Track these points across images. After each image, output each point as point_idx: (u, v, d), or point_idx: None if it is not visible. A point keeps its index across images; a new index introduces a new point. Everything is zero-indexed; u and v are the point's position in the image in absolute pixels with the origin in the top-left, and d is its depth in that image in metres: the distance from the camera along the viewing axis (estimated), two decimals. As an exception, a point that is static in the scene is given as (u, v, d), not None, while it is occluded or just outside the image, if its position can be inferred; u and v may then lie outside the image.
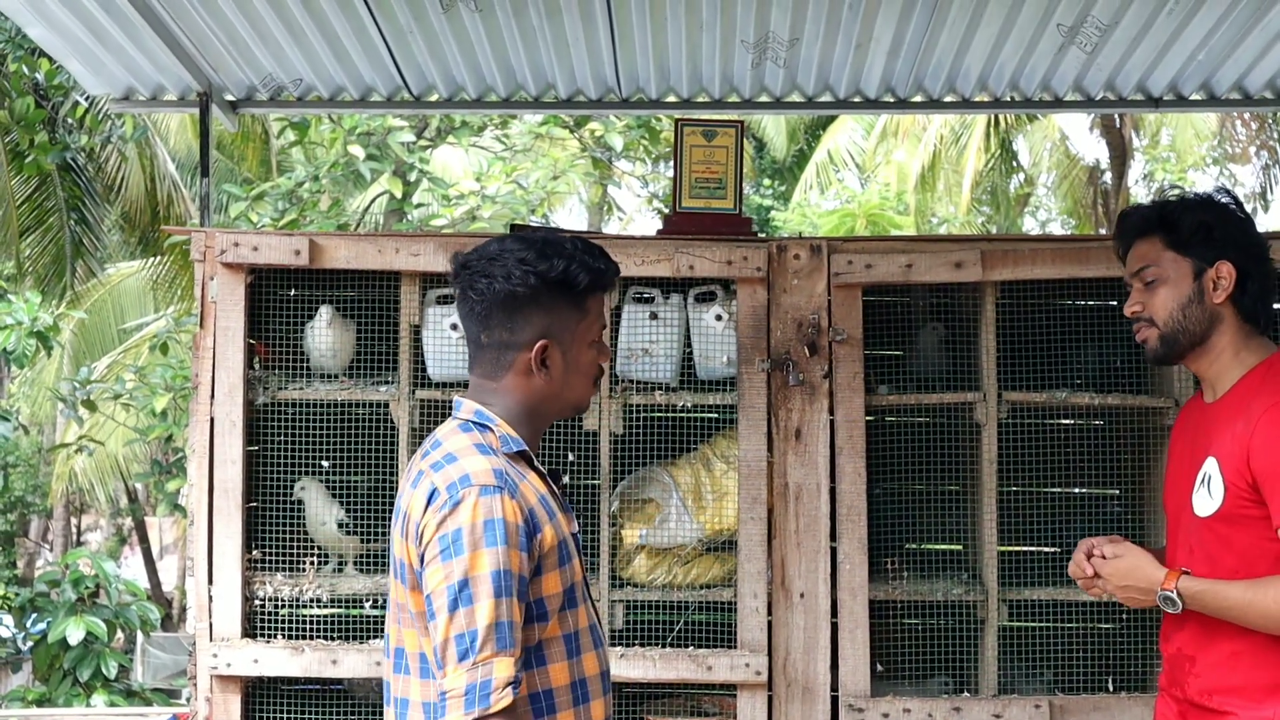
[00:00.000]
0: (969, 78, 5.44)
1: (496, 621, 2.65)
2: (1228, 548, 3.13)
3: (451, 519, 2.69)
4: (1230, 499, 3.10)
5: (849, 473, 4.47)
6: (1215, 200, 3.30)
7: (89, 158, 14.14)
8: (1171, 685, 3.30)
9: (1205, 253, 3.22)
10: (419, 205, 12.32)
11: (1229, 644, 3.12)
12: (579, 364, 2.93)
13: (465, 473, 2.74)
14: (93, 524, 29.70)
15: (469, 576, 2.65)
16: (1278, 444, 3.03)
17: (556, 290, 2.86)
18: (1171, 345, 3.26)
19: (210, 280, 4.54)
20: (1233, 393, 3.22)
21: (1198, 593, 3.09)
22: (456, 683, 2.63)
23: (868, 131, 21.98)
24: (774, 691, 4.44)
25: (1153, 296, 3.27)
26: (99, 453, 16.50)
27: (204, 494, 4.52)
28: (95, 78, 5.38)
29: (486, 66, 5.34)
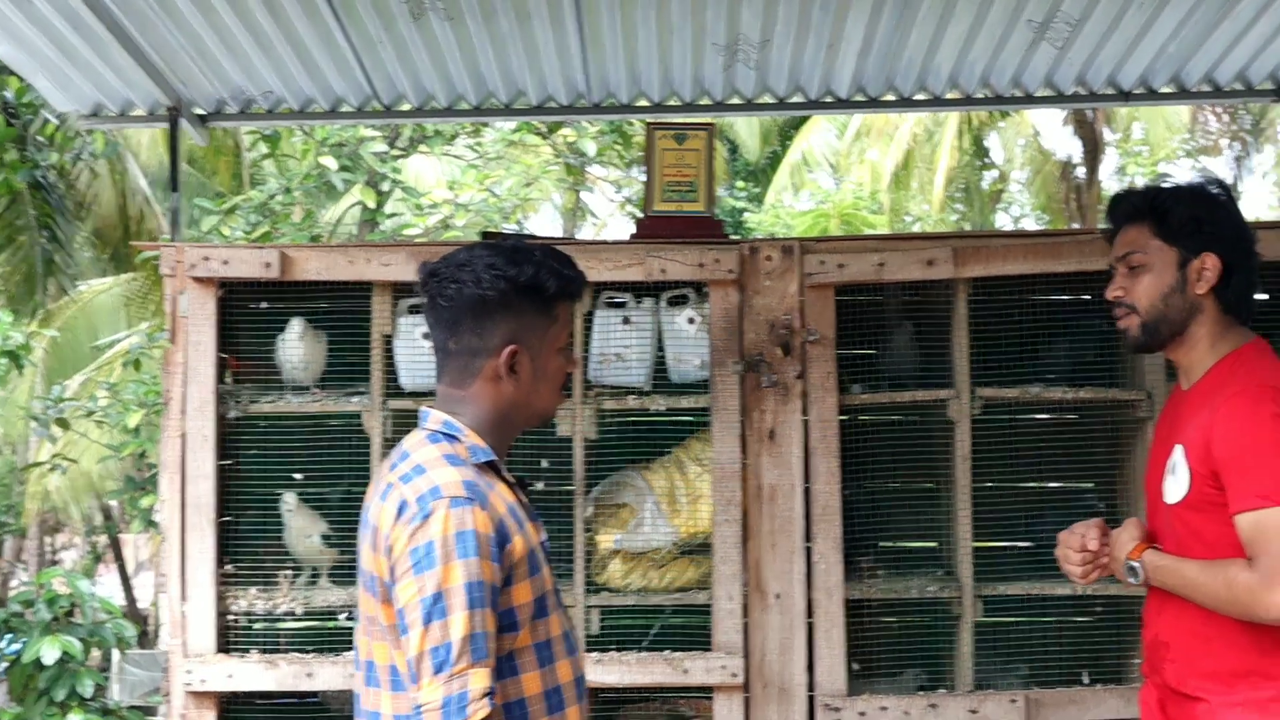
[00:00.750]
0: (940, 76, 5.44)
1: (471, 633, 2.63)
2: (1194, 535, 3.15)
3: (422, 531, 2.68)
4: (1195, 487, 3.13)
5: (823, 472, 4.46)
6: (1207, 192, 3.31)
7: (60, 175, 14.05)
8: (1151, 671, 3.33)
9: (1192, 243, 3.23)
10: (392, 215, 12.29)
11: (1203, 628, 3.14)
12: (547, 371, 2.93)
13: (435, 484, 2.73)
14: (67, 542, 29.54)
15: (442, 589, 2.64)
16: (1237, 432, 3.06)
17: (526, 296, 2.86)
18: (1152, 333, 3.29)
19: (180, 295, 4.53)
20: (1204, 381, 3.25)
21: (1158, 567, 3.15)
22: (433, 695, 2.62)
23: (841, 132, 22.01)
24: (750, 693, 4.44)
25: (1136, 283, 3.29)
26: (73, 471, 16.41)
27: (176, 510, 4.49)
28: (63, 94, 5.35)
29: (457, 74, 5.32)
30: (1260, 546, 2.99)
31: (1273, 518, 2.99)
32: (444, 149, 12.29)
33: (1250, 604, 2.99)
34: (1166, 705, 3.25)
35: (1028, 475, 4.80)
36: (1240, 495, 3.03)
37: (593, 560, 4.59)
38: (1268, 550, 2.97)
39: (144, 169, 15.66)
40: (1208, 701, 3.12)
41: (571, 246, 4.52)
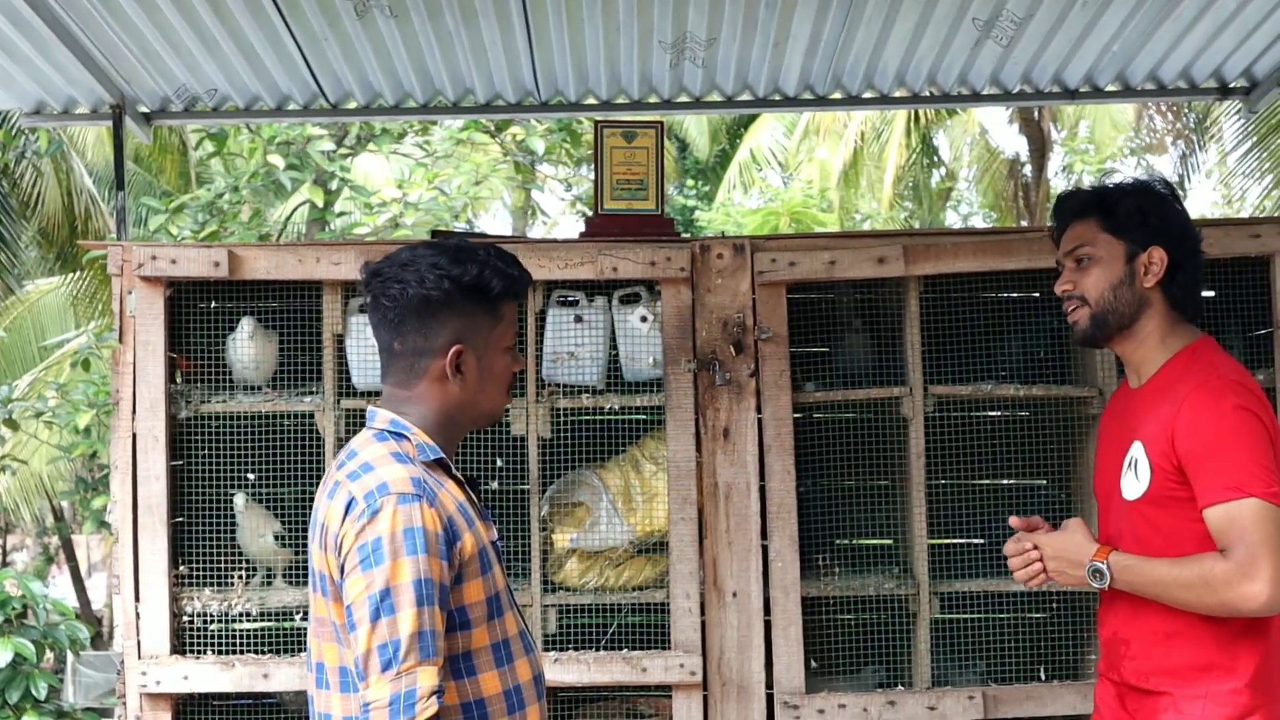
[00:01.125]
0: (886, 74, 5.46)
1: (419, 630, 2.62)
2: (1155, 530, 3.17)
3: (370, 528, 2.67)
4: (1156, 482, 3.15)
5: (778, 470, 4.47)
6: (1152, 188, 3.34)
7: (3, 174, 13.96)
8: (1109, 669, 3.34)
9: (1139, 237, 3.26)
10: (341, 214, 12.23)
11: (1163, 625, 3.16)
12: (494, 371, 2.92)
13: (383, 481, 2.72)
14: (19, 544, 29.33)
15: (390, 585, 2.63)
16: (1201, 426, 3.08)
17: (470, 295, 2.86)
18: (1101, 326, 3.31)
19: (128, 294, 4.49)
20: (1157, 378, 3.27)
21: (1125, 567, 3.13)
22: (380, 693, 2.60)
23: (789, 130, 22.04)
24: (709, 691, 4.44)
25: (1085, 276, 3.31)
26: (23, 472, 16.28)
27: (128, 510, 4.46)
28: (4, 92, 5.30)
29: (404, 72, 5.30)
30: (1234, 537, 3.01)
31: (1245, 508, 3.01)
32: (392, 147, 12.22)
33: (1229, 596, 3.01)
34: (1126, 700, 3.27)
35: (982, 472, 4.82)
36: (1209, 488, 3.05)
37: (549, 559, 4.58)
38: (1242, 540, 2.99)
39: (89, 168, 15.55)
40: (1171, 694, 3.14)
41: (522, 245, 4.52)
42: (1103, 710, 3.38)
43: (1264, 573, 2.98)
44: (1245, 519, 3.01)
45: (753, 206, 21.08)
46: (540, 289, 4.59)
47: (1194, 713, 3.11)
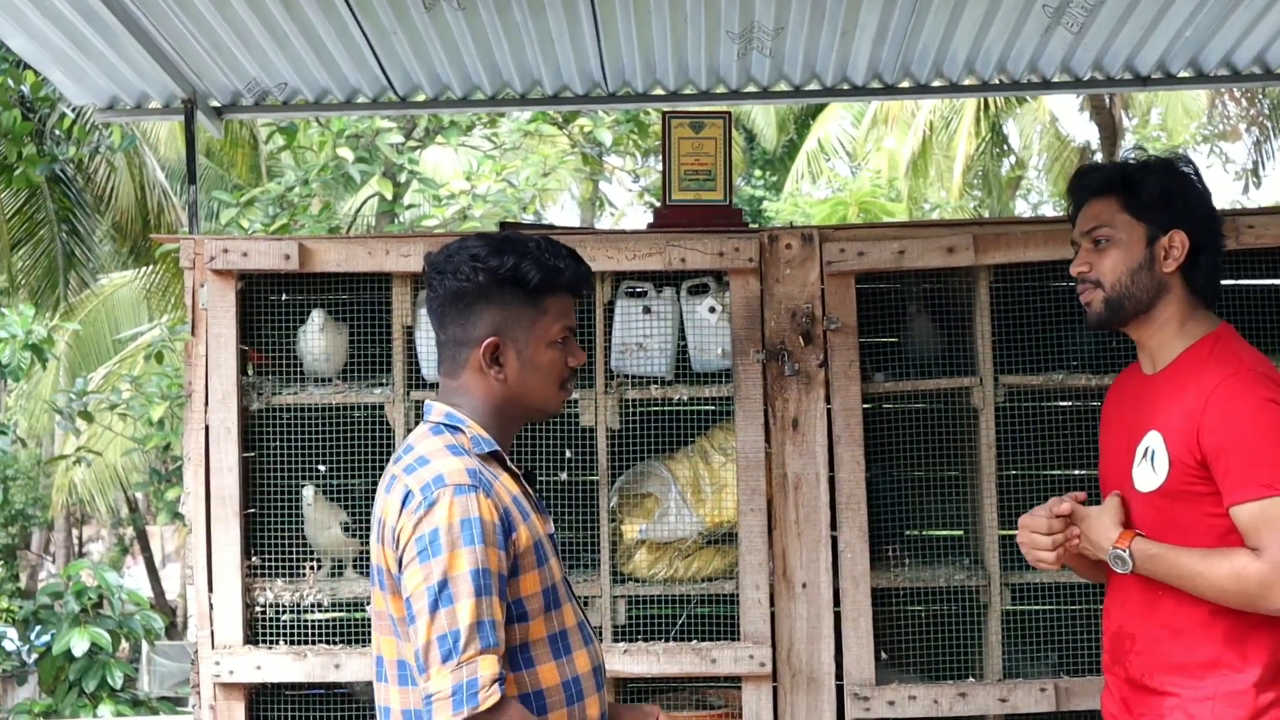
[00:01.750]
0: (956, 62, 5.42)
1: (478, 620, 2.64)
2: (1170, 523, 3.09)
3: (427, 520, 2.69)
4: (1175, 474, 3.07)
5: (847, 461, 4.45)
6: (1177, 168, 3.25)
7: (78, 169, 14.11)
8: (1114, 665, 3.27)
9: (1161, 219, 3.17)
10: (410, 206, 12.30)
11: (1171, 620, 3.09)
12: (536, 363, 2.90)
13: (439, 473, 2.73)
14: (94, 534, 29.70)
15: (448, 576, 2.64)
16: (1231, 420, 3.00)
17: (508, 287, 2.86)
18: (1116, 310, 3.22)
19: (201, 287, 4.53)
20: (1177, 365, 3.19)
21: (1151, 555, 3.06)
22: (442, 684, 2.62)
23: (857, 120, 21.97)
24: (779, 682, 4.43)
25: (1102, 258, 3.22)
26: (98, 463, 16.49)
27: (201, 502, 4.50)
28: (78, 87, 5.35)
29: (471, 65, 5.31)
30: (1267, 536, 2.94)
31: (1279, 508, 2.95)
32: (460, 140, 12.28)
33: (1260, 595, 2.94)
34: (1130, 703, 3.20)
35: (1053, 463, 4.78)
36: (1240, 485, 2.97)
37: (618, 550, 4.59)
38: (1276, 541, 2.93)
39: (162, 162, 15.72)
40: (1178, 695, 3.07)
41: (590, 236, 4.53)
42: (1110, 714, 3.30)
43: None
44: (1279, 518, 2.94)
45: (821, 197, 21.04)
46: (608, 280, 4.59)
47: (1202, 714, 3.04)
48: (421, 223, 11.74)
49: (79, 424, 11.13)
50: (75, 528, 26.07)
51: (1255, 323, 4.57)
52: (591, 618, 4.48)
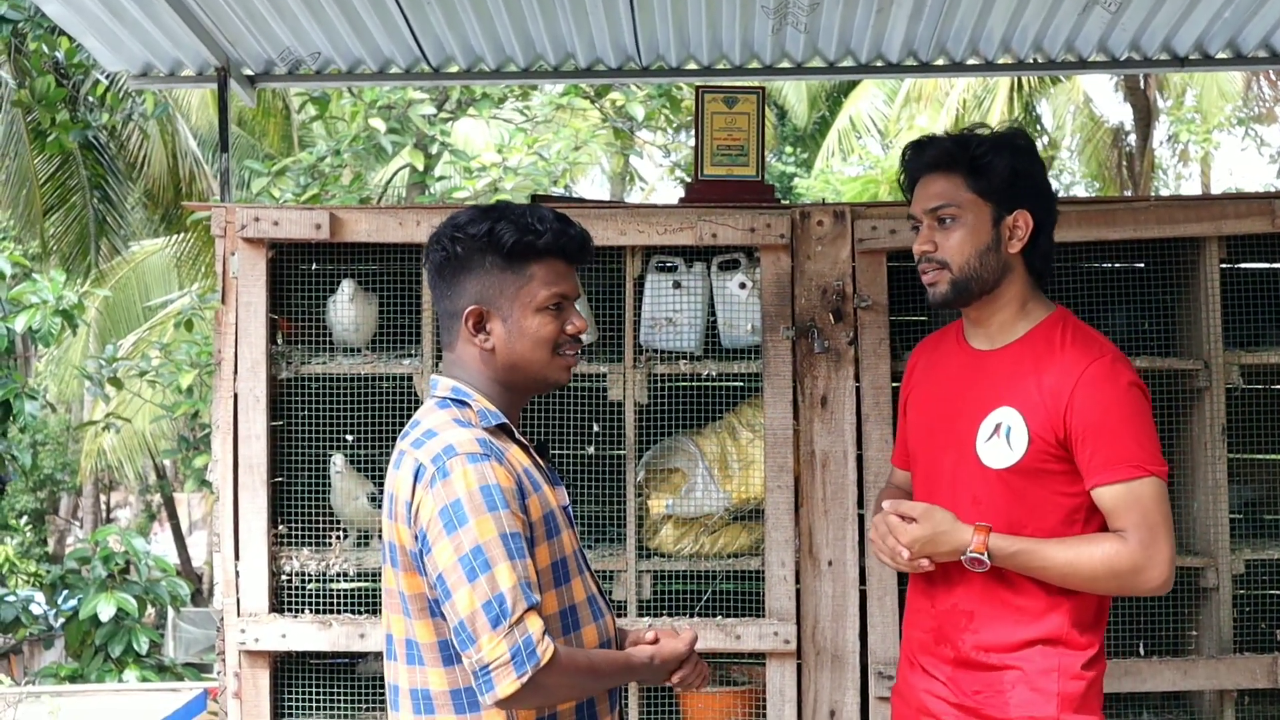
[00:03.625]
0: (992, 40, 5.38)
1: (519, 581, 2.64)
2: (1018, 501, 3.09)
3: (445, 490, 2.68)
4: (1033, 452, 3.07)
5: (876, 439, 4.44)
6: (1020, 144, 3.22)
7: (111, 136, 14.15)
8: (938, 645, 3.22)
9: (1007, 200, 3.15)
10: (441, 178, 12.30)
11: (1015, 598, 3.10)
12: (524, 330, 2.88)
13: (449, 444, 2.74)
14: (122, 501, 29.86)
15: (480, 543, 2.65)
16: (1100, 402, 3.02)
17: (487, 254, 2.86)
18: (962, 291, 3.19)
19: (231, 256, 4.53)
20: (1023, 344, 3.18)
21: (1013, 553, 3.04)
22: (498, 651, 2.62)
23: (890, 97, 21.88)
24: (803, 660, 4.43)
25: (948, 237, 3.19)
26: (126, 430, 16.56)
27: (229, 470, 4.51)
28: (112, 54, 5.35)
29: (505, 36, 5.30)
30: (1135, 517, 2.98)
31: (1146, 487, 2.99)
32: (492, 112, 12.28)
33: (1133, 579, 2.99)
34: (959, 681, 3.17)
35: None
36: (1107, 466, 3.00)
37: (644, 525, 4.58)
38: (1144, 522, 2.97)
39: (194, 130, 15.75)
40: (1020, 669, 3.08)
41: (621, 210, 4.52)
42: (933, 709, 3.22)
43: (1163, 554, 2.98)
44: (1146, 499, 2.99)
45: (852, 174, 20.95)
46: (639, 254, 4.58)
47: (1047, 685, 3.06)
48: (452, 194, 11.73)
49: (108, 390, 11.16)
50: (103, 493, 26.21)
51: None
52: (616, 592, 4.49)
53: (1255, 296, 4.63)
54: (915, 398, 3.42)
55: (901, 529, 3.12)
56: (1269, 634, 4.56)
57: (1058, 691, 3.05)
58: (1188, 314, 4.54)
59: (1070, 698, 3.06)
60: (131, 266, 18.07)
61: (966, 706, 3.14)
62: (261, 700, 4.50)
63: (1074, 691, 3.06)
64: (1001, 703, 3.09)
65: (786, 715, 4.42)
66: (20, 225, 14.70)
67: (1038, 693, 3.06)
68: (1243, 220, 4.44)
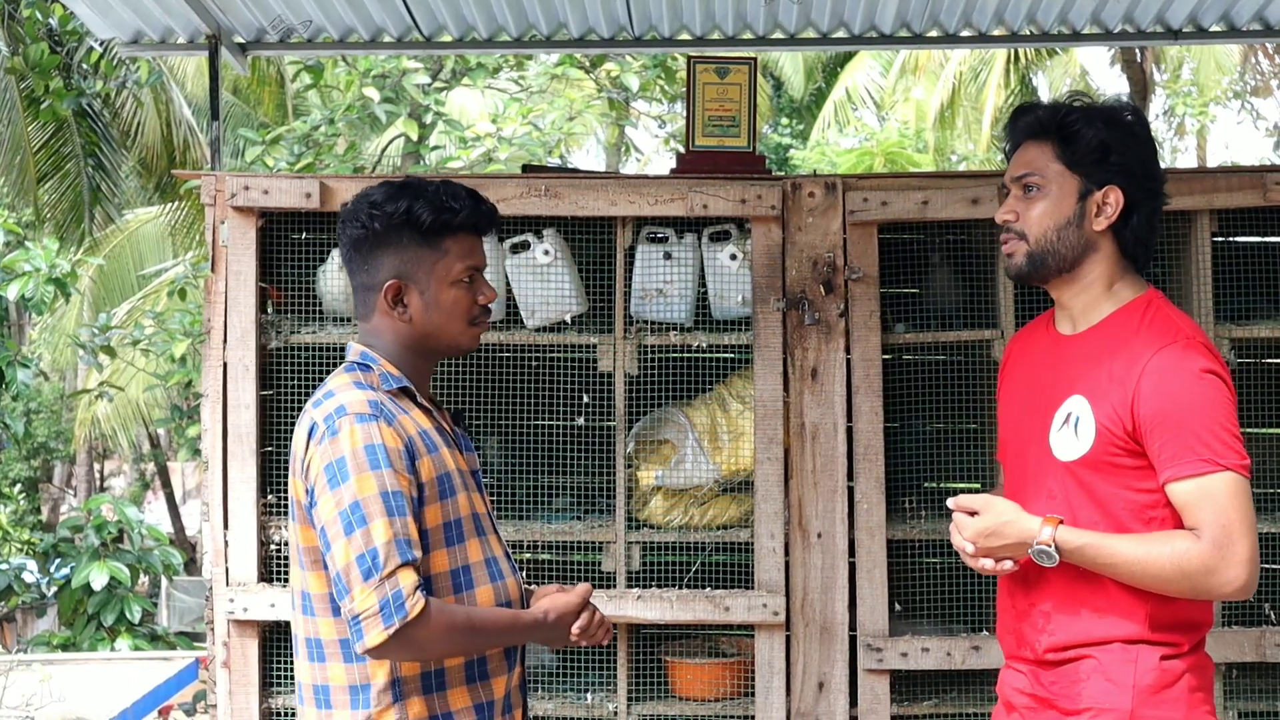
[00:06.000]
0: (985, 12, 5.36)
1: (395, 538, 2.73)
2: (1088, 495, 2.96)
3: (332, 447, 2.79)
4: (1100, 443, 2.92)
5: (866, 412, 4.44)
6: (1120, 117, 3.05)
7: (105, 103, 14.10)
8: (1019, 648, 3.12)
9: (1096, 174, 2.99)
10: (435, 148, 12.27)
11: (1093, 598, 2.96)
12: (440, 303, 2.98)
13: (341, 404, 2.84)
14: (115, 469, 29.86)
15: (359, 499, 2.75)
16: (1169, 391, 2.86)
17: (405, 230, 2.95)
18: (1038, 265, 3.05)
19: (221, 224, 4.53)
20: (1102, 328, 3.03)
21: (1080, 546, 2.89)
22: (368, 602, 2.71)
23: (886, 69, 21.87)
24: (792, 632, 4.44)
25: (1030, 208, 3.04)
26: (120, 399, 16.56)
27: (218, 439, 4.52)
28: (103, 21, 5.32)
29: (498, 5, 5.28)
30: (1208, 514, 2.81)
31: (1219, 483, 2.82)
32: (487, 82, 12.23)
33: (1206, 583, 2.82)
34: (1039, 678, 3.05)
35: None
36: (1179, 459, 2.84)
37: (634, 496, 4.59)
38: (1217, 520, 2.80)
39: (189, 99, 15.69)
40: (1095, 659, 2.94)
41: (612, 181, 4.51)
42: (1014, 701, 3.13)
43: (1239, 554, 2.81)
44: (1221, 495, 2.81)
45: (848, 146, 20.94)
46: (630, 225, 4.57)
47: (1123, 676, 2.92)
48: (446, 164, 11.69)
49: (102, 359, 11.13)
50: (97, 462, 26.22)
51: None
52: (605, 563, 4.49)
53: (1246, 270, 4.62)
54: (1006, 387, 3.30)
55: (965, 523, 3.03)
56: (1257, 608, 4.57)
57: (1134, 683, 2.90)
58: (1179, 287, 4.54)
59: (1147, 690, 2.91)
60: (125, 235, 18.04)
61: (1040, 697, 3.04)
62: (250, 669, 4.52)
63: (1152, 684, 2.91)
64: (1075, 693, 2.97)
65: (775, 687, 4.43)
66: (14, 193, 14.66)
67: (1113, 683, 2.92)
68: (1234, 194, 4.43)
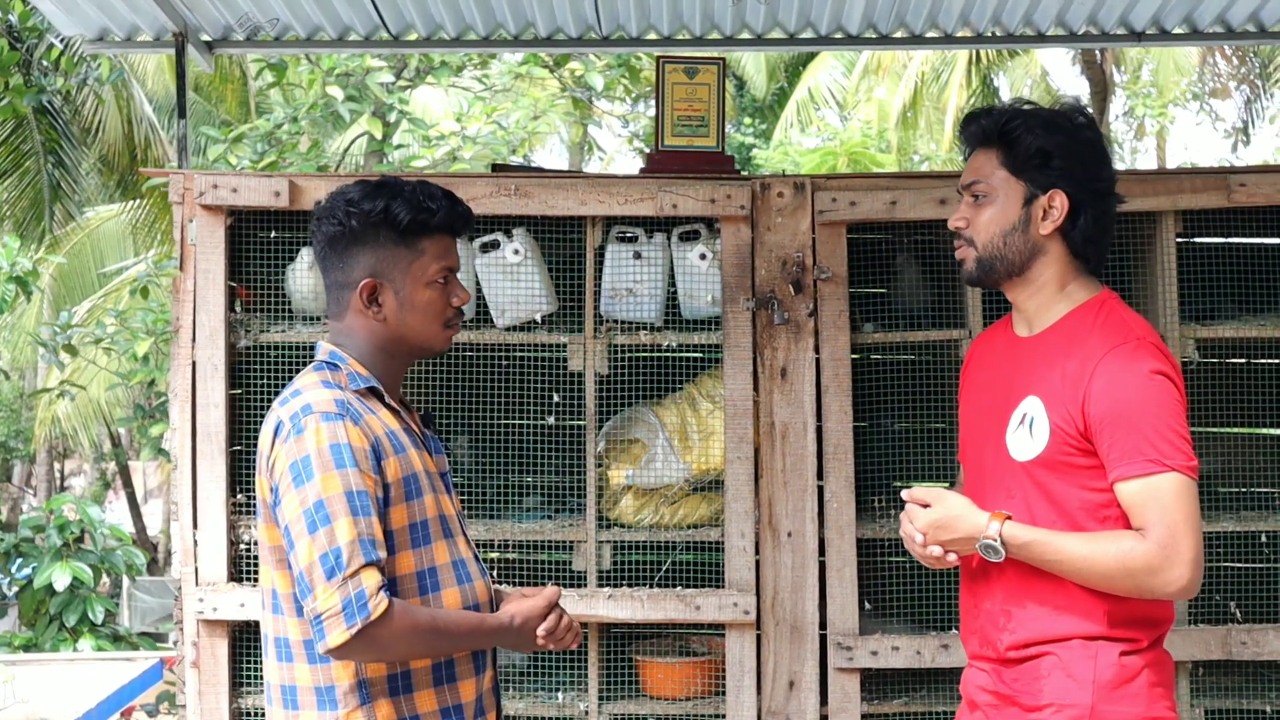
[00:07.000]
0: (951, 12, 5.39)
1: (358, 537, 2.72)
2: (1043, 495, 2.98)
3: (297, 446, 2.78)
4: (1055, 443, 2.95)
5: (835, 411, 4.46)
6: (1064, 122, 3.07)
7: (65, 100, 14.02)
8: (983, 647, 3.13)
9: (1039, 179, 3.01)
10: (399, 146, 12.24)
11: (1053, 597, 2.97)
12: (414, 303, 2.97)
13: (307, 403, 2.83)
14: (76, 469, 29.69)
15: (323, 498, 2.73)
16: (1118, 392, 2.87)
17: (381, 229, 2.94)
18: (987, 270, 3.08)
19: (189, 223, 4.52)
20: (1056, 329, 3.05)
21: (1026, 543, 2.92)
22: (330, 601, 2.69)
23: (848, 69, 21.91)
24: (762, 630, 4.45)
25: (978, 214, 3.07)
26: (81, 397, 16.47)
27: (187, 438, 4.50)
28: (68, 18, 5.30)
29: (465, 4, 5.28)
30: (1153, 514, 2.83)
31: (1165, 483, 2.83)
32: (451, 81, 12.22)
33: (1149, 582, 2.84)
34: (1001, 675, 3.07)
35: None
36: (1126, 459, 2.85)
37: (604, 495, 4.59)
38: (1162, 520, 2.82)
39: (150, 96, 15.63)
40: (1056, 656, 2.96)
41: (582, 180, 4.51)
42: (977, 700, 3.14)
43: (1184, 554, 2.82)
44: (1167, 495, 2.83)
45: (810, 146, 20.99)
46: (599, 224, 4.58)
47: (1083, 671, 2.94)
48: (411, 163, 11.68)
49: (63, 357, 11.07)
50: (57, 461, 26.06)
51: (1246, 281, 4.59)
52: (576, 562, 4.50)
53: (1210, 270, 4.66)
54: (966, 389, 3.33)
55: (916, 513, 3.06)
56: (1223, 606, 4.60)
57: (1094, 679, 2.92)
58: (1144, 288, 4.57)
59: (1107, 685, 2.92)
60: (86, 233, 17.93)
61: (1002, 694, 3.05)
62: (220, 670, 4.51)
63: (1112, 679, 2.92)
64: (1036, 690, 2.98)
65: (746, 685, 4.44)
66: (-28, 190, 14.57)
67: (1073, 679, 2.93)
68: (1199, 195, 4.47)
